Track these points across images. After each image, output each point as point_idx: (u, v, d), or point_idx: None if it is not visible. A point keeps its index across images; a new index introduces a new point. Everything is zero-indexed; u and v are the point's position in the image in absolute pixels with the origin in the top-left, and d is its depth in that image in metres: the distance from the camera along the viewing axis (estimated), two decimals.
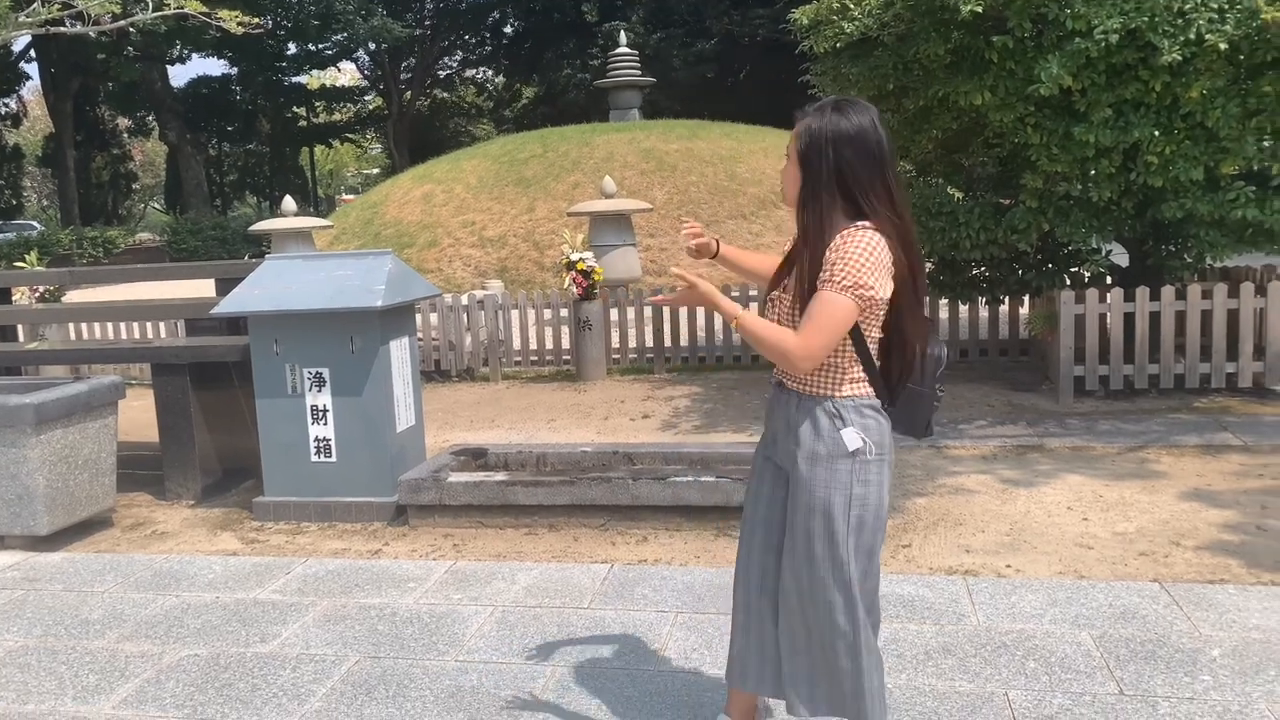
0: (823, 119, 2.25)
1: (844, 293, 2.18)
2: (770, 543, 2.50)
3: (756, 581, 2.53)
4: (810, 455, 2.32)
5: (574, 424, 7.20)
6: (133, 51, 31.83)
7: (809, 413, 2.34)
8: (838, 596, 2.33)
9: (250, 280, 5.28)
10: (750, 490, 2.59)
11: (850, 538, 2.31)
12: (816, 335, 2.20)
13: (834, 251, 2.22)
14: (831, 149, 2.23)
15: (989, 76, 5.93)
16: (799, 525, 2.35)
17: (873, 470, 2.31)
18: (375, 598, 4.06)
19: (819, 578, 2.33)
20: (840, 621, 2.34)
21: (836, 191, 2.25)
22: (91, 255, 27.93)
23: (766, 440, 2.55)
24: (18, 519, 4.86)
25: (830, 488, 2.30)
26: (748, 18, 31.16)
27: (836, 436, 2.30)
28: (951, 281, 7.25)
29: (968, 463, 5.65)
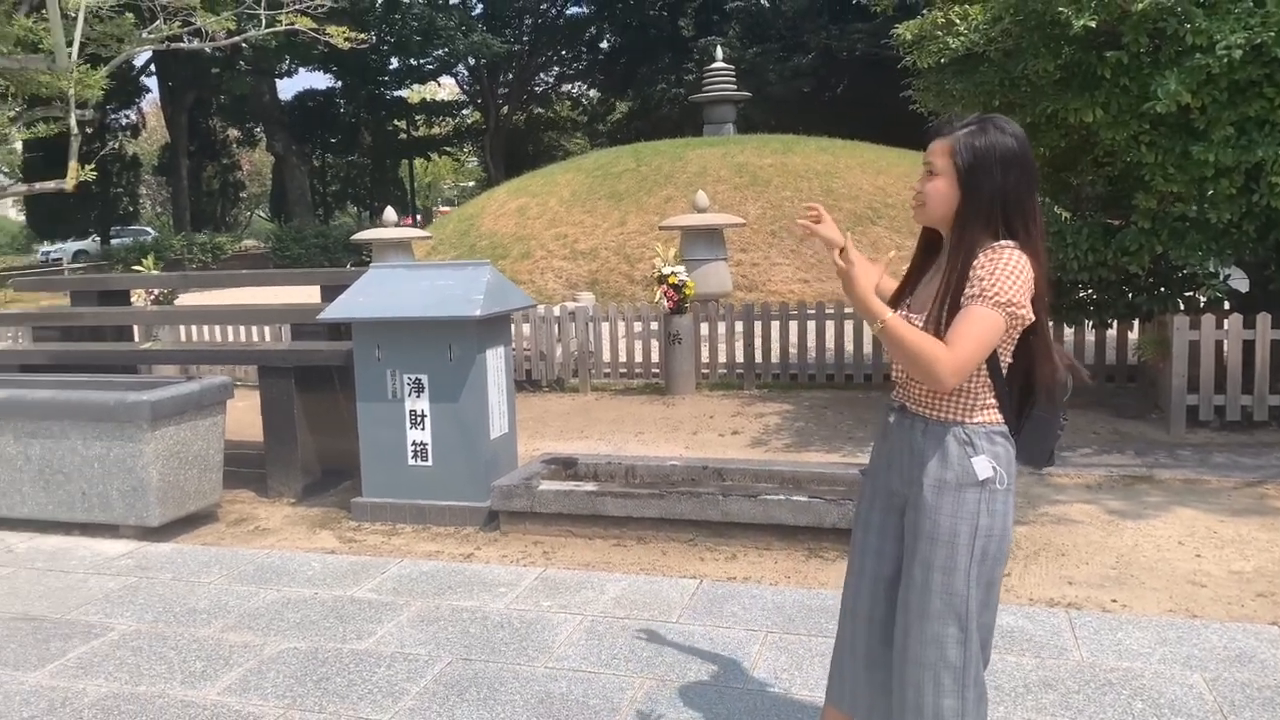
0: (986, 137, 2.18)
1: (996, 309, 2.11)
2: (880, 573, 2.42)
3: (865, 610, 2.45)
4: (937, 483, 2.24)
5: (662, 437, 7.20)
6: (244, 66, 33.13)
7: (938, 439, 2.26)
8: (952, 629, 2.25)
9: (355, 288, 5.43)
10: (859, 517, 2.51)
11: (972, 569, 2.23)
12: (966, 349, 2.11)
13: (981, 269, 2.15)
14: (1000, 169, 2.17)
15: (1101, 93, 5.76)
16: (918, 554, 2.27)
17: (999, 500, 2.23)
18: (467, 600, 4.11)
19: (934, 609, 2.25)
20: (951, 655, 2.25)
21: (998, 211, 2.18)
22: (201, 260, 29.11)
23: (878, 466, 2.46)
24: (132, 510, 5.07)
25: (956, 517, 2.22)
26: (846, 32, 30.91)
27: (967, 464, 2.22)
28: (1057, 303, 7.02)
29: (1071, 491, 5.47)
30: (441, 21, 35.21)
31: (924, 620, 2.26)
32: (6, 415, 5.22)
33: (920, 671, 2.28)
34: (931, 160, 2.22)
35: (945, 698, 2.27)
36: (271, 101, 37.13)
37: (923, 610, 2.26)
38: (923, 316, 2.26)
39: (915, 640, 2.28)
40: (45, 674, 3.56)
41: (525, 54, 41.27)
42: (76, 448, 5.12)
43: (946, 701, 2.27)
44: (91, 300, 7.14)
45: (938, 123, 2.28)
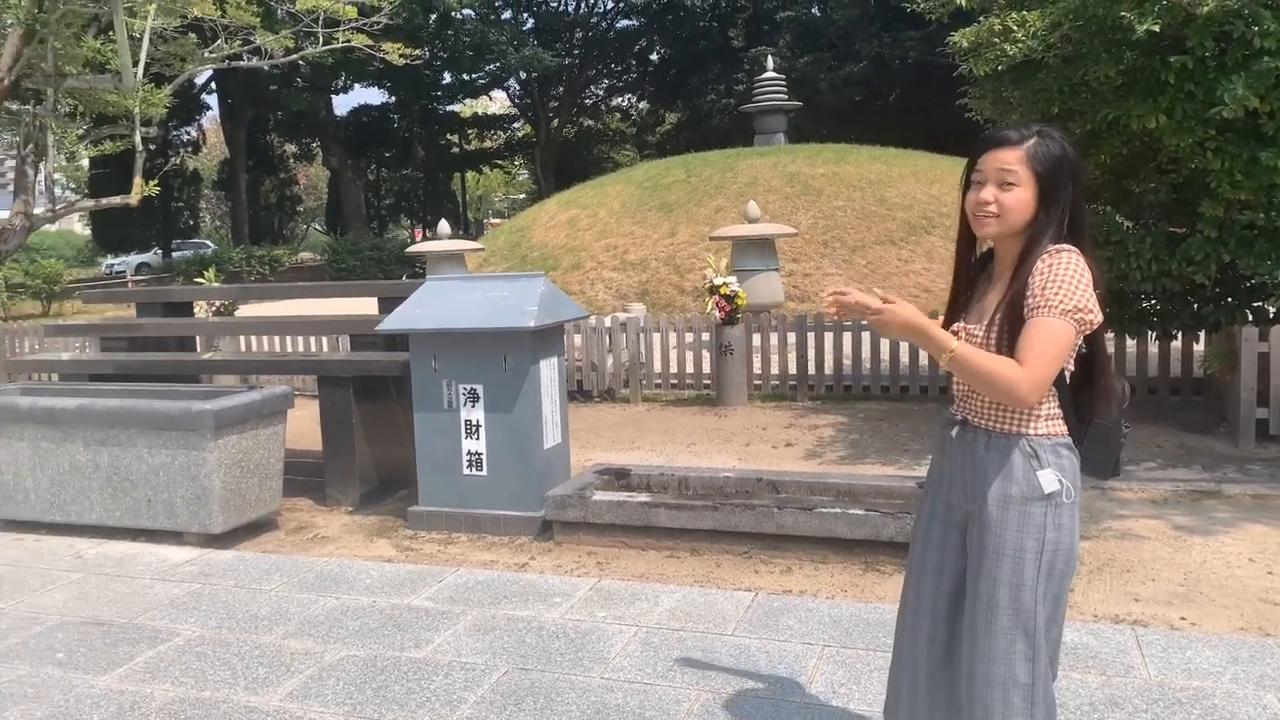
0: (1061, 147, 2.17)
1: (1063, 318, 2.07)
2: (941, 589, 2.38)
3: (926, 629, 2.42)
4: (1002, 498, 2.20)
5: (714, 449, 7.17)
6: (301, 83, 33.85)
7: (1002, 452, 2.21)
8: (1020, 645, 2.20)
9: (413, 300, 5.50)
10: (918, 534, 2.48)
11: (1040, 584, 2.19)
12: (1042, 365, 2.06)
13: (1039, 275, 2.11)
14: (1072, 179, 2.17)
15: (1165, 99, 5.64)
16: (984, 570, 2.23)
17: (1066, 514, 2.19)
18: (523, 610, 4.13)
19: (1001, 626, 2.21)
20: (1020, 673, 2.21)
21: (1065, 219, 2.17)
22: (259, 272, 29.70)
23: (938, 481, 2.42)
24: (195, 517, 5.18)
25: (1022, 532, 2.18)
26: (898, 40, 30.68)
27: (1032, 478, 2.18)
28: (1119, 314, 6.88)
29: (1136, 506, 5.34)
30: (493, 36, 35.65)
31: (991, 637, 2.22)
32: (77, 424, 5.37)
33: (989, 690, 2.24)
34: (1007, 170, 2.17)
35: (1015, 716, 2.23)
36: (328, 117, 37.87)
37: (990, 627, 2.22)
38: (981, 326, 2.23)
39: (983, 658, 2.24)
40: (114, 678, 3.65)
41: (576, 67, 41.61)
42: (143, 455, 5.24)
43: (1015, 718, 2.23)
44: (156, 311, 7.31)
45: (989, 134, 2.24)
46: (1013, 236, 2.21)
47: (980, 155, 2.22)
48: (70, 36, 12.64)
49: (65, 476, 5.44)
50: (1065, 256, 2.11)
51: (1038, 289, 2.10)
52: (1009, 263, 2.23)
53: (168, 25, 14.33)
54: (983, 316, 2.25)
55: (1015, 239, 2.20)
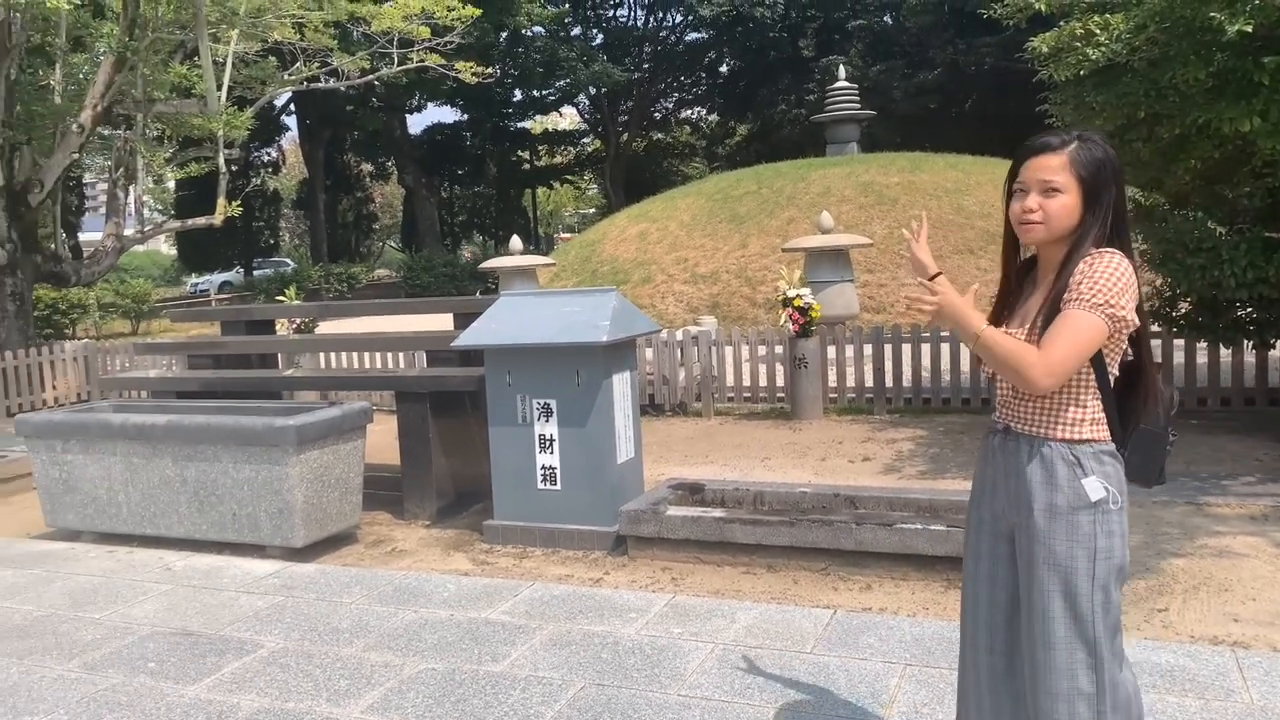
0: (1103, 150, 2.17)
1: (1093, 310, 2.07)
2: (996, 599, 2.37)
3: (985, 641, 2.40)
4: (1048, 508, 2.18)
5: (790, 463, 7.09)
6: (376, 103, 34.61)
7: (1045, 460, 2.20)
8: (1080, 654, 2.18)
9: (487, 315, 5.55)
10: (968, 546, 2.47)
11: (1095, 594, 2.17)
12: (1059, 349, 2.07)
13: (1079, 274, 2.12)
14: (1114, 181, 2.18)
15: (1259, 100, 5.42)
16: (1036, 582, 2.21)
17: (1115, 520, 2.17)
18: (598, 625, 4.12)
19: (1059, 637, 2.19)
20: (1084, 683, 2.18)
21: (1109, 222, 2.17)
22: (337, 289, 30.39)
23: (982, 491, 2.41)
24: (278, 531, 5.29)
25: (1072, 542, 2.16)
26: (973, 46, 30.21)
27: (1077, 486, 2.16)
28: (1212, 323, 6.64)
29: (1233, 522, 5.12)
30: (563, 53, 36.03)
31: (1050, 649, 2.20)
32: (166, 439, 5.53)
33: (1053, 702, 2.22)
34: (1051, 178, 2.17)
35: None
36: (402, 136, 38.65)
37: (1048, 639, 2.20)
38: (1023, 330, 2.23)
39: (1044, 670, 2.22)
40: (203, 687, 3.73)
41: (645, 81, 41.79)
42: (228, 470, 5.38)
43: None
44: (240, 329, 7.52)
45: (1030, 142, 2.24)
46: (1057, 242, 2.21)
47: (1022, 163, 2.23)
48: (158, 63, 13.13)
49: (155, 490, 5.61)
50: (1107, 258, 2.12)
51: (1074, 285, 2.11)
52: (1052, 267, 2.23)
53: (249, 50, 14.81)
54: (1025, 319, 2.25)
55: (1060, 244, 2.21)
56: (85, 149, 13.68)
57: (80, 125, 11.95)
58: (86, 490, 5.82)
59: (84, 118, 11.97)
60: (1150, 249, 6.62)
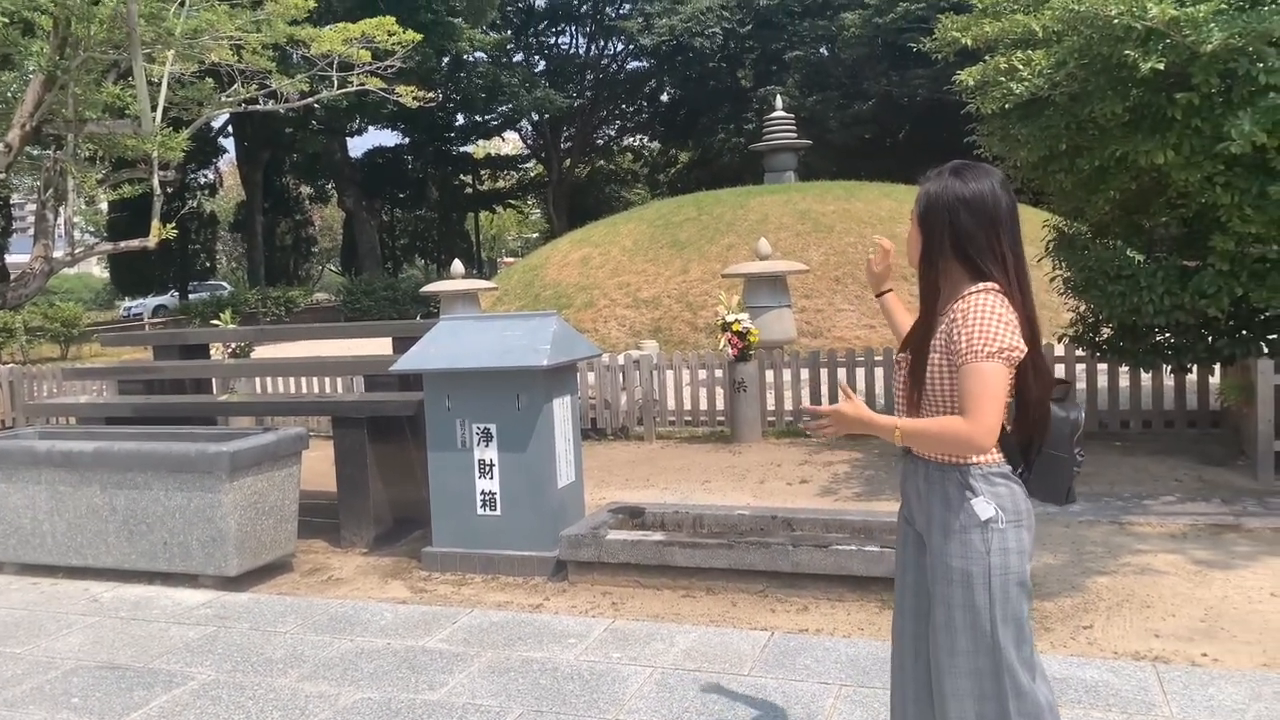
0: (941, 184, 2.32)
1: (991, 360, 2.19)
2: (921, 609, 2.48)
3: (911, 647, 2.52)
4: (943, 527, 2.33)
5: (729, 486, 7.16)
6: (316, 125, 34.28)
7: (938, 484, 2.35)
8: (984, 662, 2.29)
9: (426, 339, 5.54)
10: (898, 560, 2.60)
11: (995, 608, 2.28)
12: (986, 412, 2.19)
13: (961, 319, 2.24)
14: (948, 214, 2.29)
15: (1172, 134, 5.67)
16: (937, 595, 2.35)
17: (1010, 537, 2.29)
18: (537, 652, 4.12)
19: (961, 648, 2.31)
20: (987, 688, 2.30)
21: (954, 256, 2.30)
22: (274, 313, 29.89)
23: (906, 505, 2.57)
24: (210, 560, 5.19)
25: (966, 559, 2.29)
26: (906, 78, 30.94)
27: (967, 507, 2.30)
28: (1133, 348, 6.87)
29: (1155, 541, 5.30)
30: (505, 79, 36.10)
31: (954, 657, 2.32)
32: (94, 467, 5.40)
33: (961, 704, 2.32)
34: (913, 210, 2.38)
35: None
36: (343, 159, 38.28)
37: (952, 648, 2.32)
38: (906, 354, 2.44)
39: (949, 676, 2.33)
40: None
41: (587, 108, 42.05)
42: (159, 498, 5.27)
43: None
44: (173, 354, 7.38)
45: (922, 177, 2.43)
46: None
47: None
48: (90, 82, 12.90)
49: (82, 520, 5.47)
50: (977, 298, 2.24)
51: (961, 335, 2.23)
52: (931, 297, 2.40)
53: (185, 71, 14.61)
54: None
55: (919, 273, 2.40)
56: (13, 169, 13.35)
57: (7, 144, 11.68)
58: (9, 520, 5.65)
59: (11, 137, 11.70)
60: (1073, 276, 6.85)
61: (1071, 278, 6.91)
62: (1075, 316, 7.46)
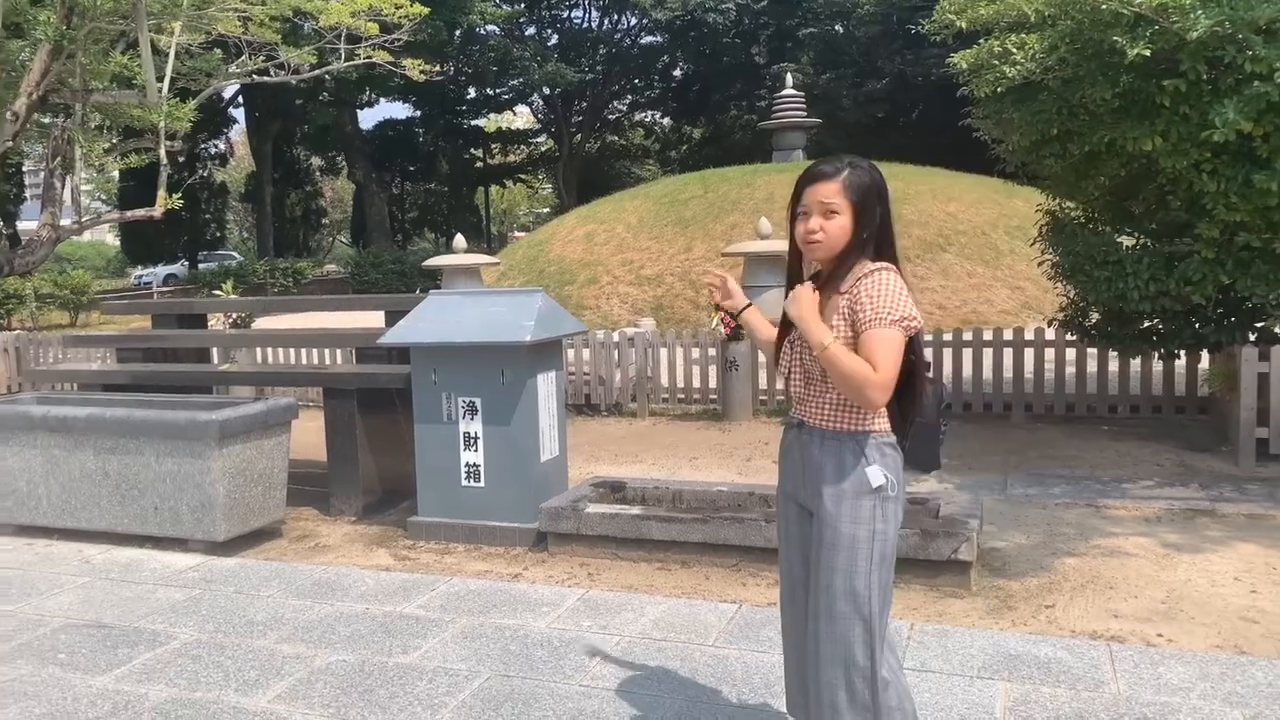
0: (869, 174, 2.42)
1: (893, 327, 2.32)
2: (807, 580, 2.57)
3: (800, 618, 2.61)
4: (836, 493, 2.43)
5: (716, 463, 7.25)
6: (327, 97, 34.32)
7: (834, 451, 2.45)
8: (858, 629, 2.41)
9: (415, 313, 5.62)
10: (781, 534, 2.70)
11: (872, 573, 2.41)
12: (887, 366, 2.31)
13: (866, 292, 2.36)
14: (879, 202, 2.42)
15: (1160, 121, 5.68)
16: (822, 561, 2.45)
17: (891, 507, 2.42)
18: (510, 619, 4.22)
19: (840, 612, 2.42)
20: (859, 655, 2.42)
21: (874, 239, 2.42)
22: (283, 285, 30.05)
23: (786, 480, 2.64)
24: (199, 525, 5.31)
25: (855, 523, 2.40)
26: (920, 58, 30.69)
27: (861, 474, 2.41)
28: (1119, 334, 6.91)
29: (1128, 524, 5.36)
30: (517, 52, 36.02)
31: (832, 622, 2.43)
32: (88, 432, 5.52)
33: (833, 670, 2.44)
34: (829, 201, 2.39)
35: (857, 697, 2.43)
36: (353, 131, 38.32)
37: (830, 613, 2.43)
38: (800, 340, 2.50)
39: (826, 642, 2.44)
40: (111, 678, 3.77)
41: (599, 83, 41.88)
42: (150, 464, 5.38)
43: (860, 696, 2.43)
44: (172, 323, 7.49)
45: (808, 169, 2.48)
46: (835, 257, 2.44)
47: (802, 189, 2.45)
48: (98, 52, 12.96)
49: (76, 484, 5.60)
50: (883, 275, 2.37)
51: (868, 306, 2.34)
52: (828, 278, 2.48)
53: (193, 42, 14.66)
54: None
55: (837, 258, 2.45)
56: (23, 137, 13.44)
57: (14, 113, 11.77)
58: (6, 483, 5.78)
59: (18, 105, 11.79)
60: (1061, 261, 6.88)
61: (1059, 262, 6.94)
62: (1065, 300, 7.49)
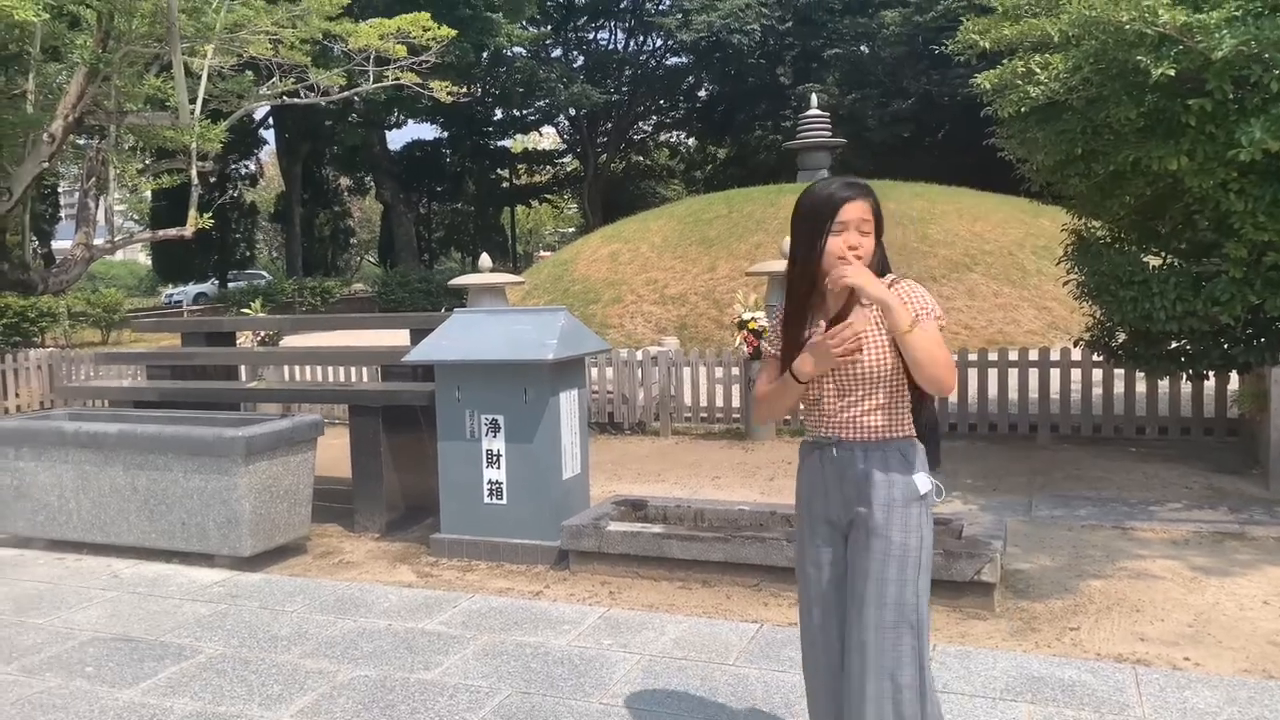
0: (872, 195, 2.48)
1: (935, 321, 2.39)
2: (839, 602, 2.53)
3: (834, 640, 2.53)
4: (886, 502, 2.42)
5: (738, 482, 7.24)
6: (356, 118, 34.72)
7: (879, 460, 2.44)
8: (908, 640, 2.40)
9: (439, 331, 5.68)
10: (806, 558, 2.59)
11: (920, 579, 2.41)
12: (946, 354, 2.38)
13: (906, 294, 2.40)
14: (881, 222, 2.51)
15: (1185, 140, 5.64)
16: (871, 573, 2.41)
17: (930, 513, 2.46)
18: (532, 636, 4.23)
19: (889, 622, 2.39)
20: (907, 666, 2.39)
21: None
22: (311, 303, 30.33)
23: (811, 502, 2.57)
24: (226, 540, 5.37)
25: (906, 532, 2.41)
26: (946, 78, 30.66)
27: (910, 480, 2.43)
28: (1146, 354, 6.84)
29: (1156, 546, 5.30)
30: (543, 74, 36.32)
31: (881, 634, 2.39)
32: (118, 448, 5.60)
33: (880, 683, 2.39)
34: (865, 219, 2.44)
35: (905, 708, 2.38)
36: (381, 152, 38.72)
37: (880, 624, 2.39)
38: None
39: (874, 654, 2.39)
40: (138, 691, 3.81)
41: (625, 103, 42.12)
42: (178, 480, 5.45)
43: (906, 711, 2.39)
44: (200, 341, 7.59)
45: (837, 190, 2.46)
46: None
47: (839, 207, 2.43)
48: (133, 75, 13.21)
49: (105, 499, 5.68)
50: (911, 282, 2.44)
51: (913, 304, 2.39)
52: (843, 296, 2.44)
53: (225, 64, 14.91)
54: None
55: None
56: (58, 158, 13.71)
57: (51, 135, 12.01)
58: (38, 497, 5.88)
59: (55, 127, 12.03)
60: (1086, 280, 6.83)
61: (1085, 282, 6.89)
62: (1092, 321, 7.44)
